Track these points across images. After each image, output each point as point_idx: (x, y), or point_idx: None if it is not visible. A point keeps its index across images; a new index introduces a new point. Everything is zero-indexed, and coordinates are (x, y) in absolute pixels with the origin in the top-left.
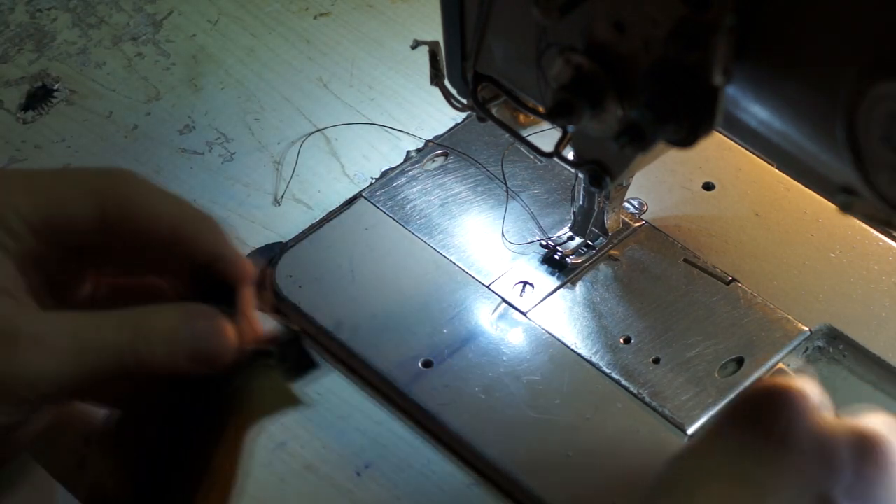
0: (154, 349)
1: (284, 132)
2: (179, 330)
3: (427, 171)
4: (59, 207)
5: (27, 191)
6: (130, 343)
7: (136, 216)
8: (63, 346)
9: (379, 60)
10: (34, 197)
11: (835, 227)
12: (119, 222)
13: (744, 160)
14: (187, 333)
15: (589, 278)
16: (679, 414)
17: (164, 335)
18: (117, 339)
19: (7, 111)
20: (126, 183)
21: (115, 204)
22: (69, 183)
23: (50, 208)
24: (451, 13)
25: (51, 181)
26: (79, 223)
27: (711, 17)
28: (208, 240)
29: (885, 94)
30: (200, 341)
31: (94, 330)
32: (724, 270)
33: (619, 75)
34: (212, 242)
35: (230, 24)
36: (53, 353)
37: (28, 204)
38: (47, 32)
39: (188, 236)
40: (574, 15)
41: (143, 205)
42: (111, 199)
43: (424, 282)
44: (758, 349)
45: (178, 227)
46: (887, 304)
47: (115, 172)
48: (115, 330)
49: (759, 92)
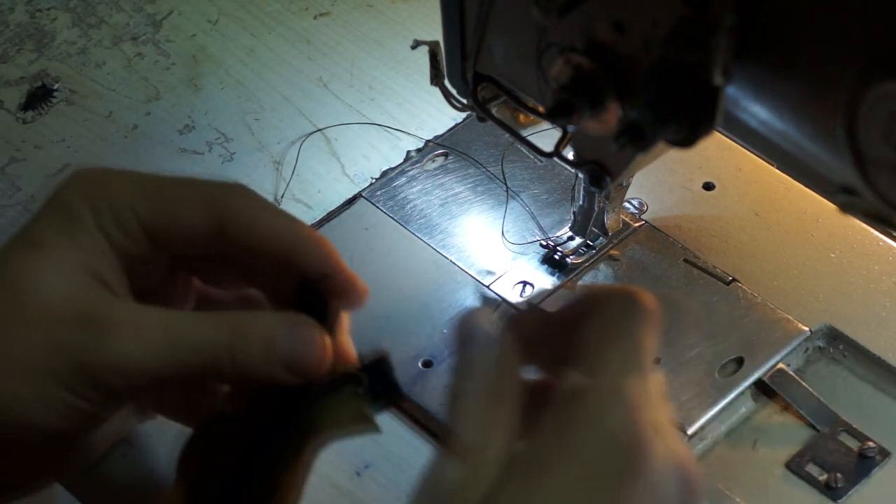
0: (251, 351)
1: (284, 132)
2: (279, 335)
3: (427, 171)
4: (174, 215)
5: (146, 195)
6: (228, 342)
7: (250, 230)
8: (158, 337)
9: (379, 60)
10: (152, 201)
11: (835, 227)
12: (232, 235)
13: (744, 160)
14: (286, 340)
15: (589, 278)
16: (679, 414)
17: (263, 339)
18: (215, 336)
19: (7, 111)
20: (241, 197)
21: (230, 217)
22: (187, 192)
23: (166, 215)
24: (451, 13)
25: (170, 189)
26: (192, 233)
27: (711, 17)
28: (320, 257)
29: (885, 94)
30: (298, 350)
31: (192, 325)
32: (724, 270)
33: (619, 75)
34: (323, 260)
35: (230, 24)
36: (148, 343)
37: (145, 207)
38: (47, 32)
39: (301, 252)
40: (574, 15)
41: (258, 220)
42: (226, 212)
43: (424, 282)
44: (758, 349)
45: (292, 244)
46: (887, 304)
47: (230, 186)
48: (213, 327)
49: (759, 92)
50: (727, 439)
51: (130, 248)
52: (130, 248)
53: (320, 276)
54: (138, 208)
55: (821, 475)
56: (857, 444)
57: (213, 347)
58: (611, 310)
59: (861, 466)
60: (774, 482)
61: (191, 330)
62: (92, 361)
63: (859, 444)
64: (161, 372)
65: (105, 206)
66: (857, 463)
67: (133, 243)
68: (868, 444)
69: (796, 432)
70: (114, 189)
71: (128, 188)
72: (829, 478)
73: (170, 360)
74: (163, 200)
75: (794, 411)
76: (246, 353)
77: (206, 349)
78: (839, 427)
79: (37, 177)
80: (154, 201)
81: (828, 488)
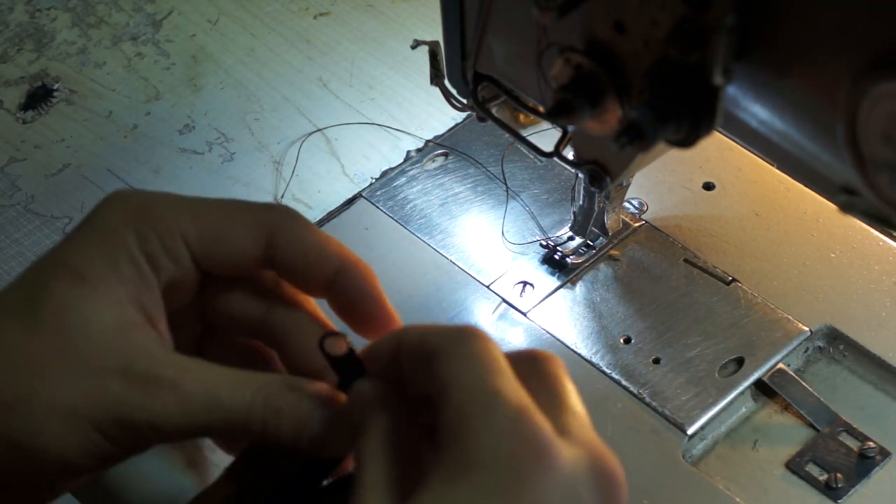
0: (282, 427)
1: (284, 132)
2: (312, 413)
3: (427, 171)
4: (224, 240)
5: (195, 218)
6: (261, 414)
7: (299, 254)
8: (196, 400)
9: (379, 60)
10: (201, 225)
11: (835, 227)
12: (280, 258)
13: (744, 160)
14: (318, 418)
15: (589, 278)
16: (679, 414)
17: (296, 417)
18: (250, 405)
19: (7, 111)
20: (291, 219)
21: (279, 240)
22: (235, 215)
23: (215, 239)
24: (451, 13)
25: (217, 212)
26: (241, 256)
27: (711, 17)
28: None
29: (885, 93)
30: (327, 434)
31: (230, 388)
32: (724, 270)
33: (619, 75)
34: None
35: (230, 24)
36: (186, 405)
37: (194, 232)
38: (47, 32)
39: (345, 279)
40: (574, 15)
41: (308, 243)
42: (275, 235)
43: (424, 282)
44: (758, 349)
45: (338, 270)
46: (887, 304)
47: (279, 208)
48: (251, 394)
49: (759, 92)
50: (727, 439)
51: (175, 272)
52: (176, 274)
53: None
54: (187, 233)
55: (821, 475)
56: (857, 444)
57: (247, 416)
58: (451, 344)
59: (861, 466)
60: (774, 482)
61: (228, 397)
62: (130, 417)
63: (859, 444)
64: (193, 431)
65: (152, 232)
66: (857, 463)
67: (179, 268)
68: (868, 444)
69: (796, 432)
70: (159, 213)
71: (173, 212)
72: (829, 478)
73: (203, 421)
74: (211, 224)
75: (794, 411)
76: (277, 427)
77: (241, 418)
78: (839, 427)
79: (37, 177)
80: (201, 224)
81: (828, 488)
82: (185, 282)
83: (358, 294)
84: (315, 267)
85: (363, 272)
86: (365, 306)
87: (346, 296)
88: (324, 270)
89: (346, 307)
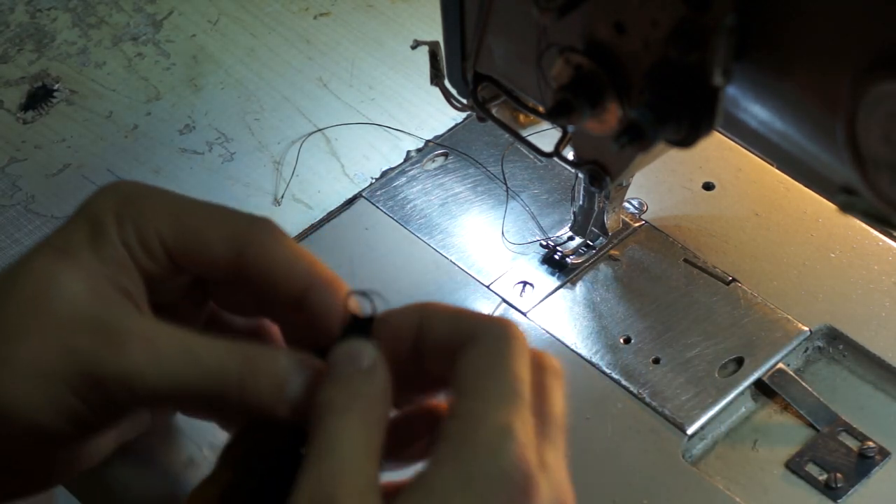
0: (261, 388)
1: (284, 132)
2: (291, 374)
3: (427, 171)
4: (198, 241)
5: (173, 216)
6: (239, 374)
7: (268, 268)
8: (170, 356)
9: (379, 60)
10: (177, 224)
11: (835, 227)
12: (250, 269)
13: (744, 160)
14: (298, 381)
15: (589, 278)
16: (679, 414)
17: (275, 378)
18: (228, 363)
19: (7, 111)
20: (265, 232)
21: (251, 251)
22: (213, 219)
23: (189, 239)
24: (451, 13)
25: (197, 213)
26: (213, 260)
27: (711, 17)
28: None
29: (885, 94)
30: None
31: (207, 347)
32: (724, 270)
33: (619, 75)
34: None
35: (230, 24)
36: (159, 361)
37: (170, 229)
38: (47, 32)
39: (314, 300)
40: (574, 15)
41: (278, 259)
42: (248, 246)
43: (424, 282)
44: (758, 349)
45: (306, 289)
46: (887, 304)
47: (258, 220)
48: (228, 353)
49: (759, 92)
50: (727, 439)
51: (151, 266)
52: (151, 267)
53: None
54: (163, 229)
55: (821, 475)
56: (856, 444)
57: (223, 376)
58: (488, 341)
59: (861, 466)
60: (774, 482)
61: (204, 354)
62: (102, 372)
63: (859, 444)
64: (167, 392)
65: (130, 223)
66: (857, 463)
67: (154, 262)
68: (868, 444)
69: (796, 432)
70: (142, 207)
71: (156, 207)
72: (829, 478)
73: (178, 381)
74: (188, 224)
75: (794, 411)
76: (255, 389)
77: (216, 377)
78: (839, 427)
79: (37, 177)
80: (179, 224)
81: (828, 488)
82: (164, 276)
83: (325, 313)
84: (282, 283)
85: (333, 289)
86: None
87: (312, 312)
88: (291, 287)
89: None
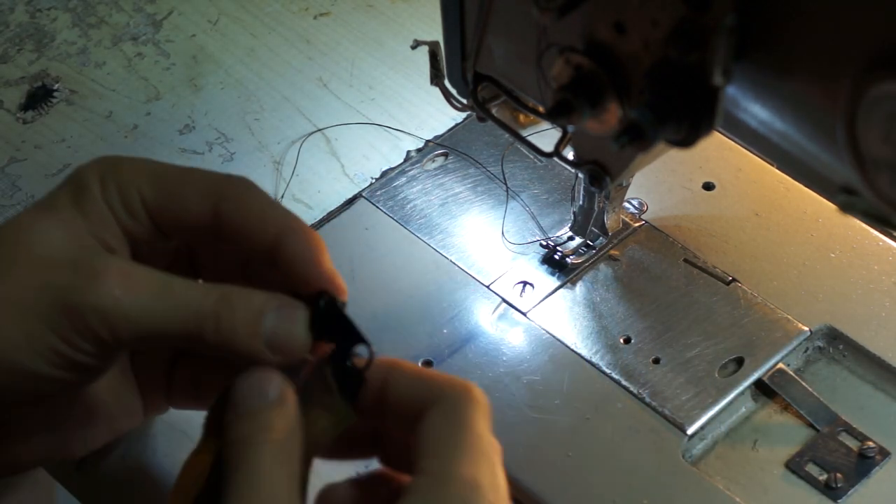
0: (236, 322)
1: (284, 132)
2: (266, 310)
3: (427, 171)
4: (176, 200)
5: (152, 179)
6: (214, 308)
7: (240, 220)
8: (145, 288)
9: (379, 60)
10: (158, 186)
11: (835, 227)
12: (225, 224)
13: (744, 160)
14: (273, 317)
15: (589, 278)
16: (679, 414)
17: (251, 311)
18: (204, 300)
19: (7, 111)
20: (239, 187)
21: (225, 206)
22: (191, 181)
23: (168, 199)
24: (451, 13)
25: (175, 175)
26: (191, 218)
27: (711, 17)
28: (304, 254)
29: (885, 94)
30: (283, 329)
31: (184, 285)
32: (724, 270)
33: (619, 75)
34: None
35: (230, 24)
36: (134, 292)
37: (150, 190)
38: (47, 32)
39: (287, 246)
40: (574, 15)
41: (250, 210)
42: (222, 201)
43: (424, 282)
44: (758, 349)
45: (278, 236)
46: (887, 304)
47: (233, 178)
48: (204, 291)
49: (759, 92)
50: (727, 439)
51: (134, 227)
52: (133, 226)
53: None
54: (143, 189)
55: (821, 475)
56: (857, 444)
57: (199, 310)
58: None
59: (861, 466)
60: (774, 482)
61: (180, 289)
62: (78, 303)
63: (859, 444)
64: (144, 326)
65: (112, 184)
66: (857, 463)
67: (137, 223)
68: (868, 444)
69: (796, 432)
70: (123, 170)
71: (136, 171)
72: (829, 478)
73: (154, 314)
74: (166, 185)
75: (794, 411)
76: (231, 322)
77: (192, 310)
78: (839, 427)
79: (37, 177)
80: (160, 183)
81: (828, 488)
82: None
83: (296, 258)
84: (256, 232)
85: (304, 237)
86: (303, 269)
87: (284, 259)
88: (264, 235)
89: (286, 271)
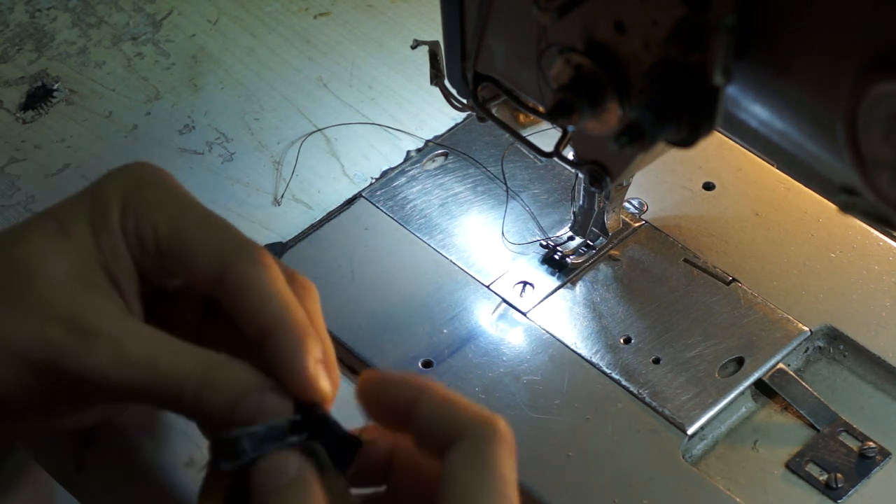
0: (215, 400)
1: (284, 132)
2: (249, 395)
3: (427, 171)
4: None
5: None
6: (197, 385)
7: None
8: (134, 359)
9: (379, 60)
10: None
11: (835, 227)
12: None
13: (744, 160)
14: (254, 401)
15: (589, 278)
16: (679, 414)
17: (231, 395)
18: (188, 375)
19: (7, 111)
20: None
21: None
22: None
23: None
24: (451, 13)
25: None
26: (197, 272)
27: (711, 17)
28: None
29: (885, 94)
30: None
31: (171, 356)
32: (724, 270)
33: (619, 75)
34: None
35: (230, 24)
36: (122, 361)
37: (166, 231)
38: (47, 32)
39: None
40: (574, 15)
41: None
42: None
43: (424, 282)
44: (758, 349)
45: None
46: (887, 304)
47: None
48: (190, 364)
49: (759, 92)
50: (727, 439)
51: (143, 261)
52: (143, 262)
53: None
54: (159, 227)
55: (821, 475)
56: (857, 444)
57: (183, 384)
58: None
59: (861, 466)
60: (774, 482)
61: (168, 361)
62: (66, 366)
63: (859, 444)
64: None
65: (132, 213)
66: (857, 463)
67: (146, 257)
68: (868, 444)
69: (796, 432)
70: (146, 197)
71: (157, 203)
72: (829, 478)
73: (137, 384)
74: (181, 231)
75: (794, 411)
76: (210, 403)
77: (175, 384)
78: (839, 427)
79: (37, 177)
80: (173, 227)
81: (828, 488)
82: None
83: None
84: (247, 319)
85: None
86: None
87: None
88: (254, 324)
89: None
